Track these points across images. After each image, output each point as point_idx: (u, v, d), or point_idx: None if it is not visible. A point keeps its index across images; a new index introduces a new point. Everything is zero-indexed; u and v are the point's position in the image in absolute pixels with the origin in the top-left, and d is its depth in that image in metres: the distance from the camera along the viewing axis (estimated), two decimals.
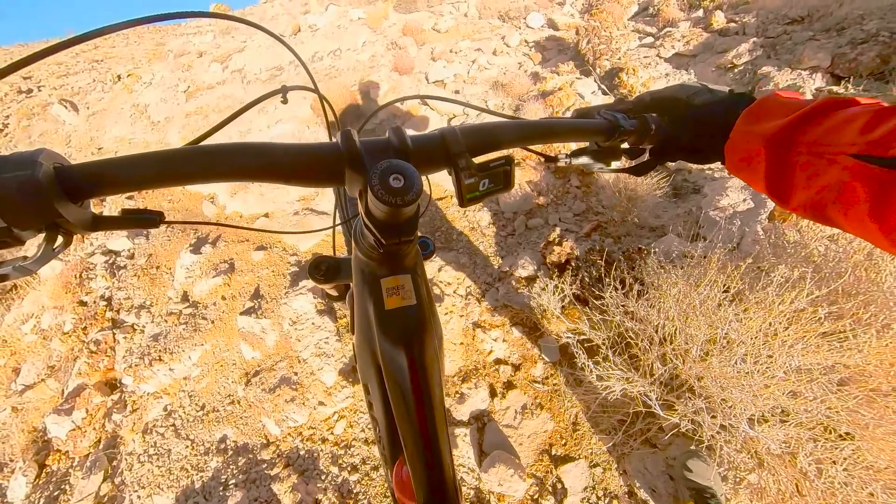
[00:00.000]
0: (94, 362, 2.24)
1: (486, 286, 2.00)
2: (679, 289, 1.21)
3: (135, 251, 2.71)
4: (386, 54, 3.93)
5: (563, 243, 1.67)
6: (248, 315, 2.04)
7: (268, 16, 5.63)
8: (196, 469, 1.77)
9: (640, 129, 0.45)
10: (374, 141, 0.36)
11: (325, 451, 1.68)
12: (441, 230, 2.33)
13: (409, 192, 0.30)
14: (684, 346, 1.16)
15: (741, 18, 2.98)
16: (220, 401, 1.94)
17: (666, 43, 2.99)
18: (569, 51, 3.41)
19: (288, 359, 1.94)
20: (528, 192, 2.26)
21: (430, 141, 0.37)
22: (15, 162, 0.25)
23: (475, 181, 0.37)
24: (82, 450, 2.02)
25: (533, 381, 1.69)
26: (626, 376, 1.28)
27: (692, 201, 1.88)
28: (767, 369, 1.00)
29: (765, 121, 0.35)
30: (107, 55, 7.06)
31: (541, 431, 1.54)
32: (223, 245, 2.50)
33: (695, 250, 1.27)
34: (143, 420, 1.97)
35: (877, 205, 0.27)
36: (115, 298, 2.48)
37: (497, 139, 0.40)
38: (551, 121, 0.45)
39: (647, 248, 1.48)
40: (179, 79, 4.57)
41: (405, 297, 0.40)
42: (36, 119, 5.32)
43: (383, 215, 0.32)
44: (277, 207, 2.64)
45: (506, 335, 1.85)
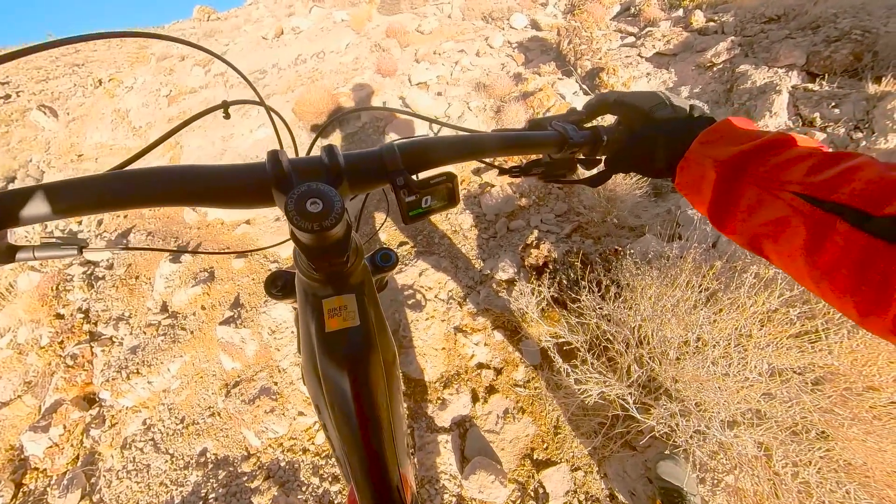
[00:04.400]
0: (72, 377, 2.16)
1: (468, 290, 1.97)
2: (654, 290, 1.18)
3: (114, 261, 2.63)
4: (370, 56, 3.87)
5: (541, 246, 1.64)
6: (227, 325, 1.98)
7: (252, 17, 5.52)
8: (175, 484, 1.72)
9: (591, 140, 0.44)
10: (304, 160, 0.34)
11: (305, 462, 1.64)
12: (423, 234, 2.29)
13: (328, 216, 0.29)
14: (660, 348, 1.14)
15: (720, 17, 2.98)
16: (199, 413, 1.88)
17: (647, 42, 2.98)
18: (551, 51, 3.39)
19: (268, 368, 1.89)
20: (511, 193, 2.23)
21: (367, 159, 0.36)
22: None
23: (416, 198, 0.36)
24: (60, 467, 1.95)
25: (515, 385, 1.66)
26: (603, 379, 1.26)
27: (672, 200, 1.87)
28: (741, 371, 0.98)
29: (720, 145, 0.36)
30: (88, 59, 6.88)
31: (522, 436, 1.52)
32: None
33: (671, 250, 1.25)
34: (122, 435, 1.91)
35: (810, 245, 0.28)
36: (92, 310, 2.40)
37: (439, 155, 0.38)
38: (501, 134, 0.44)
39: (624, 249, 1.45)
40: (161, 83, 4.46)
41: (347, 318, 0.38)
42: (14, 125, 5.15)
43: (308, 240, 0.31)
44: (259, 213, 2.57)
45: (487, 339, 1.82)
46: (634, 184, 1.76)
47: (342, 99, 3.24)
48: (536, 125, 0.48)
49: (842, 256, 0.26)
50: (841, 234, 0.26)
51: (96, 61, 6.94)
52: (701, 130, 0.38)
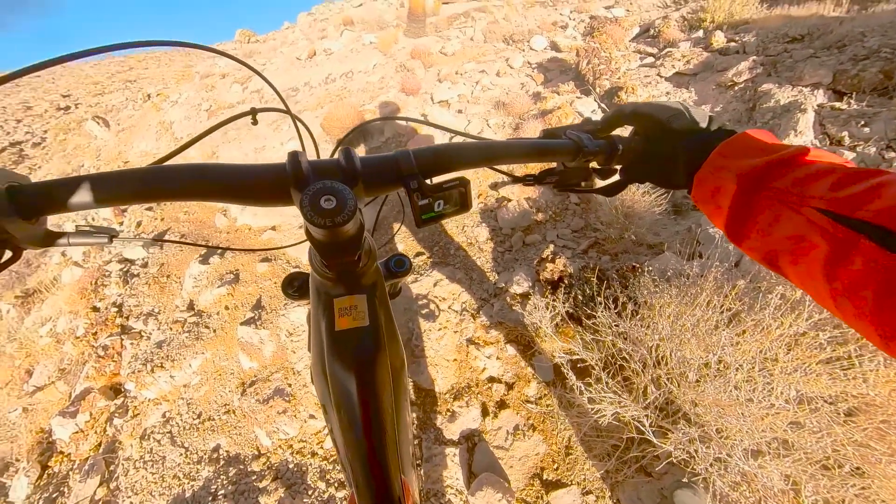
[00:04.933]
0: (102, 367, 2.28)
1: (482, 302, 1.97)
2: (673, 309, 1.16)
3: (148, 260, 2.80)
4: (395, 76, 4.07)
5: (556, 260, 1.64)
6: (248, 325, 2.06)
7: (288, 40, 5.94)
8: (188, 478, 1.75)
9: (607, 149, 0.44)
10: (322, 161, 0.36)
11: (313, 466, 1.65)
12: (439, 245, 2.33)
13: (341, 213, 0.30)
14: (679, 369, 1.10)
15: (741, 38, 2.98)
16: (216, 409, 1.93)
17: (666, 62, 3.01)
18: (570, 71, 3.46)
19: (283, 370, 1.93)
20: (527, 208, 2.25)
21: (382, 162, 0.37)
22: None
23: (429, 202, 0.36)
24: (83, 453, 2.04)
25: (526, 401, 1.63)
26: (618, 400, 1.22)
27: (692, 218, 1.83)
28: (766, 397, 0.94)
29: (740, 158, 0.35)
30: (140, 76, 7.55)
31: (532, 454, 1.47)
32: (231, 256, 2.55)
33: (691, 269, 1.23)
34: (143, 426, 1.98)
35: (830, 262, 0.27)
36: (126, 305, 2.54)
37: (453, 161, 0.39)
38: (515, 141, 0.44)
39: (642, 266, 1.43)
40: (203, 98, 4.83)
41: (357, 318, 0.39)
42: (71, 134, 5.68)
43: (321, 237, 0.32)
44: (284, 220, 2.70)
45: (500, 353, 1.80)
46: (654, 201, 1.75)
47: (368, 115, 3.41)
48: (551, 134, 0.48)
49: (864, 277, 0.24)
50: (864, 254, 0.25)
51: (147, 78, 7.62)
52: (719, 142, 0.38)
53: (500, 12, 5.38)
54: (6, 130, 7.87)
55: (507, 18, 5.18)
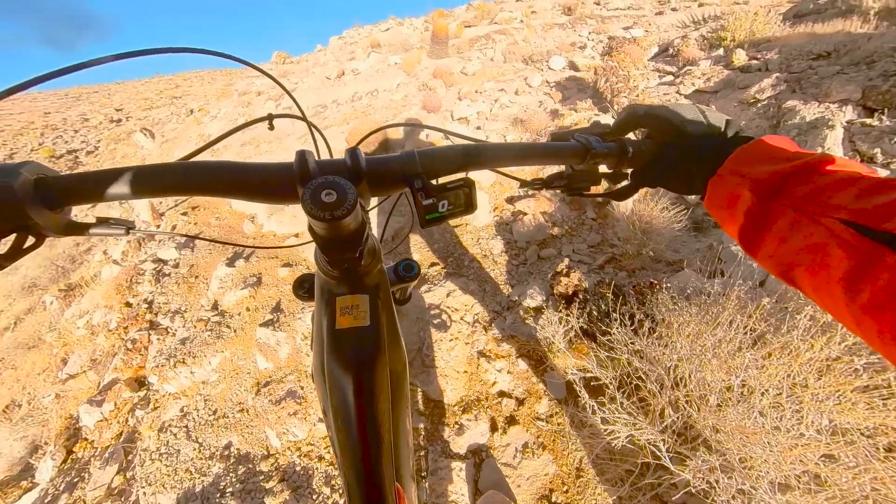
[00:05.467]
0: (129, 359, 2.40)
1: (494, 315, 1.96)
2: (693, 328, 1.12)
3: (180, 261, 2.97)
4: (417, 94, 4.25)
5: (571, 274, 1.62)
6: (266, 327, 2.12)
7: (320, 61, 6.33)
8: (199, 473, 1.79)
9: (617, 152, 0.43)
10: (328, 161, 0.36)
11: (319, 470, 1.65)
12: (453, 256, 2.35)
13: (340, 206, 0.30)
14: (699, 391, 1.05)
15: (763, 55, 2.94)
16: (230, 407, 1.98)
17: (686, 80, 3.00)
18: (588, 90, 3.50)
19: (297, 372, 1.97)
20: (543, 222, 2.25)
21: (387, 162, 0.37)
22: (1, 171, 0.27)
23: (433, 202, 0.36)
24: (105, 441, 2.12)
25: (536, 419, 1.58)
26: (633, 421, 1.17)
27: (714, 236, 1.78)
28: (795, 426, 0.88)
29: (757, 164, 0.34)
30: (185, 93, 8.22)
31: (541, 474, 1.42)
32: (255, 260, 2.67)
33: (712, 287, 1.19)
34: (161, 418, 2.05)
35: (851, 276, 0.25)
36: (155, 302, 2.69)
37: (458, 162, 0.39)
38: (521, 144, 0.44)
39: (660, 283, 1.39)
40: (240, 113, 5.18)
41: (359, 317, 0.38)
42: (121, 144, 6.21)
43: (322, 231, 0.32)
44: (305, 227, 2.81)
45: (511, 367, 1.77)
46: (673, 217, 1.72)
47: (390, 131, 3.55)
48: (559, 137, 0.46)
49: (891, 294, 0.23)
50: (891, 269, 0.23)
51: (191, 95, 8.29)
52: (736, 147, 0.36)
53: (519, 34, 5.56)
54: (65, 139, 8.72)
55: (526, 40, 5.34)
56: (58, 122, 12.35)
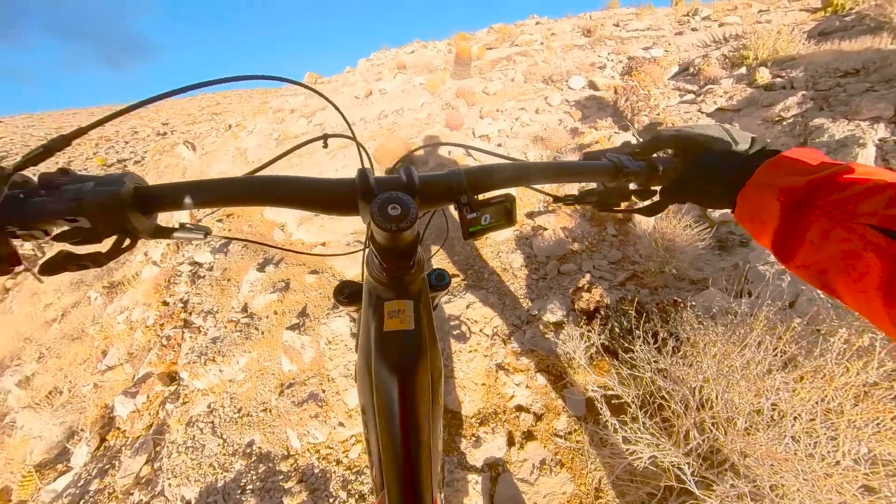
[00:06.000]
0: (163, 355, 2.54)
1: (514, 328, 1.97)
2: (719, 348, 1.11)
3: (214, 264, 3.15)
4: (440, 113, 4.42)
5: (593, 290, 1.62)
6: (292, 330, 2.21)
7: (349, 82, 6.72)
8: (222, 468, 1.85)
9: (647, 170, 0.45)
10: (386, 177, 0.39)
11: (337, 474, 1.67)
12: (474, 268, 2.39)
13: (405, 219, 0.33)
14: (725, 413, 1.03)
15: (788, 73, 2.91)
16: (254, 407, 2.06)
17: (707, 99, 3.00)
18: (608, 108, 3.55)
19: (319, 376, 2.03)
20: (563, 237, 2.27)
21: (437, 179, 0.40)
22: (106, 180, 0.31)
23: (477, 216, 0.39)
24: (136, 431, 2.24)
25: (555, 435, 1.56)
26: (656, 442, 1.15)
27: (739, 255, 1.74)
28: (831, 453, 0.85)
29: (786, 176, 0.34)
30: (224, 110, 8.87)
31: (559, 493, 1.39)
32: (284, 266, 2.81)
33: (739, 307, 1.17)
34: (189, 413, 2.15)
35: (888, 282, 0.26)
36: (190, 302, 2.85)
37: (499, 179, 0.42)
38: (556, 163, 0.46)
39: (684, 301, 1.38)
40: (273, 129, 5.54)
41: (404, 321, 0.41)
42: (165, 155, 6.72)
43: (384, 240, 0.35)
44: (334, 238, 2.94)
45: (529, 381, 1.77)
46: (696, 235, 1.70)
47: (412, 146, 3.70)
48: (590, 157, 0.49)
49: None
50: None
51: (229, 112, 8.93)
52: (764, 160, 0.37)
53: (539, 55, 5.72)
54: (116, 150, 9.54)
55: (546, 61, 5.49)
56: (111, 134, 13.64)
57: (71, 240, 0.31)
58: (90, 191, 0.30)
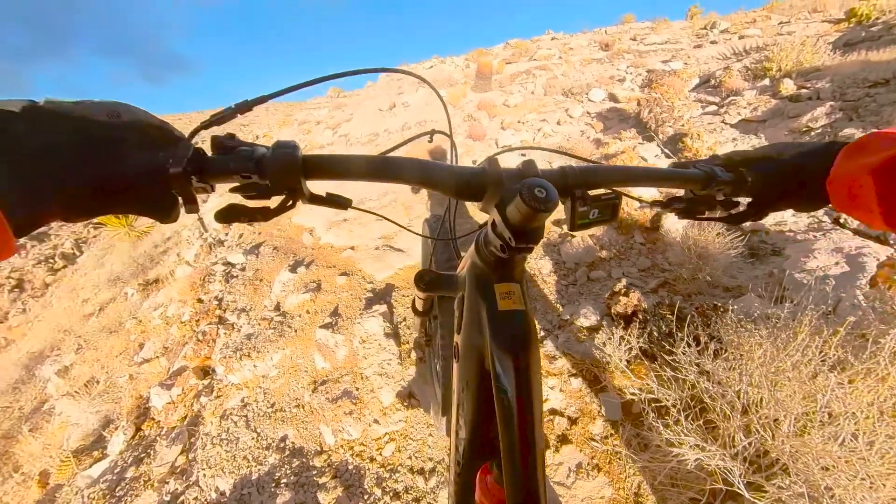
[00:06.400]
0: (198, 349, 2.65)
1: (546, 332, 1.99)
2: (764, 350, 1.13)
3: (246, 265, 3.29)
4: (462, 125, 4.57)
5: (631, 294, 1.65)
6: (325, 329, 2.29)
7: (371, 95, 6.99)
8: (256, 461, 1.90)
9: (736, 180, 0.47)
10: (512, 169, 0.42)
11: (371, 471, 1.70)
12: None
13: (550, 201, 0.36)
14: (774, 414, 1.05)
15: (813, 84, 2.93)
16: (287, 402, 2.12)
17: (731, 110, 3.03)
18: (630, 120, 3.62)
19: (352, 374, 2.09)
20: (591, 244, 2.31)
21: (554, 173, 0.44)
22: (283, 145, 0.35)
23: (587, 210, 0.42)
24: (171, 422, 2.32)
25: (590, 439, 1.57)
26: (701, 445, 1.16)
27: (772, 263, 1.75)
28: (890, 450, 0.86)
29: (870, 155, 0.34)
30: (252, 121, 9.30)
31: (597, 497, 1.40)
32: (314, 268, 2.91)
33: (780, 311, 1.19)
34: (224, 406, 2.22)
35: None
36: (225, 300, 2.97)
37: (603, 178, 0.46)
38: (654, 168, 0.49)
39: (725, 306, 1.40)
40: (299, 140, 5.79)
41: (516, 302, 0.44)
42: None
43: (521, 220, 0.37)
44: (362, 242, 3.04)
45: (563, 385, 1.78)
46: (728, 243, 1.72)
47: (434, 148, 3.83)
48: (680, 166, 0.52)
49: None
50: None
51: (257, 123, 9.35)
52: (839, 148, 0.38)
53: (558, 69, 5.87)
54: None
55: (565, 74, 5.63)
56: None
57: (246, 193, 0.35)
58: (270, 153, 0.34)
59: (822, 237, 1.72)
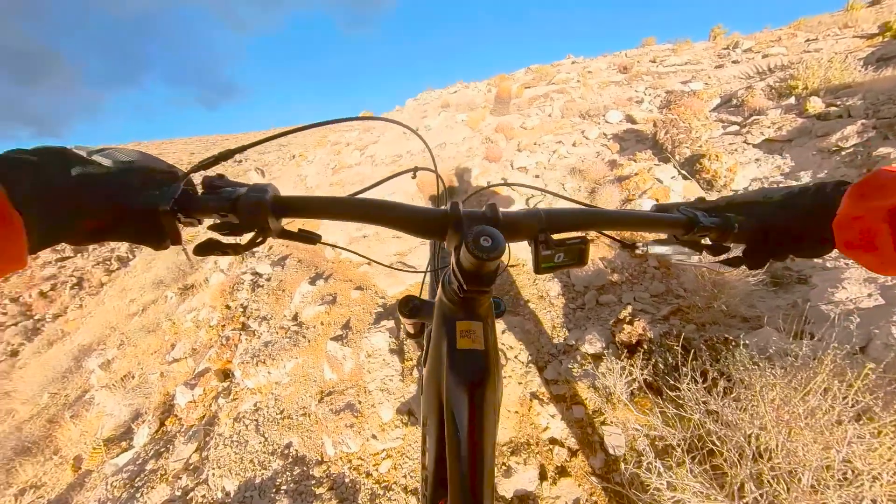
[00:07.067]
0: (221, 353, 2.80)
1: (550, 357, 1.93)
2: (779, 392, 1.03)
3: (272, 275, 3.48)
4: (480, 147, 4.67)
5: (635, 322, 1.57)
6: (336, 341, 2.35)
7: (398, 119, 7.35)
8: (261, 466, 1.95)
9: (722, 226, 0.45)
10: (473, 212, 0.43)
11: (366, 486, 1.69)
12: (510, 294, 2.41)
13: (494, 251, 0.36)
14: (787, 465, 0.94)
15: (844, 102, 2.72)
16: (296, 410, 2.17)
17: (754, 130, 2.87)
18: (647, 141, 3.53)
19: (357, 387, 2.11)
20: (602, 268, 2.23)
21: (518, 217, 0.43)
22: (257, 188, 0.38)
23: (551, 253, 0.41)
24: (191, 420, 2.43)
25: (591, 474, 1.47)
26: (706, 492, 1.06)
27: (797, 292, 1.59)
28: None
29: (882, 197, 0.32)
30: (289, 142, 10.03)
31: None
32: (332, 282, 3.02)
33: (800, 348, 1.09)
34: (238, 409, 2.31)
35: None
36: (249, 308, 3.15)
37: (574, 222, 0.45)
38: (629, 212, 0.48)
39: (736, 340, 1.29)
40: (331, 159, 6.15)
41: (475, 341, 0.44)
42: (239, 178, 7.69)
43: (471, 266, 0.39)
44: (377, 258, 3.14)
45: (565, 413, 1.70)
46: (747, 270, 1.60)
47: (455, 178, 3.92)
48: (663, 208, 0.49)
49: None
50: None
51: (294, 144, 10.09)
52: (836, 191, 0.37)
53: (576, 92, 5.88)
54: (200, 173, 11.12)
55: (583, 97, 5.62)
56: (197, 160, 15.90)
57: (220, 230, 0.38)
58: (244, 195, 0.37)
59: (855, 265, 1.56)
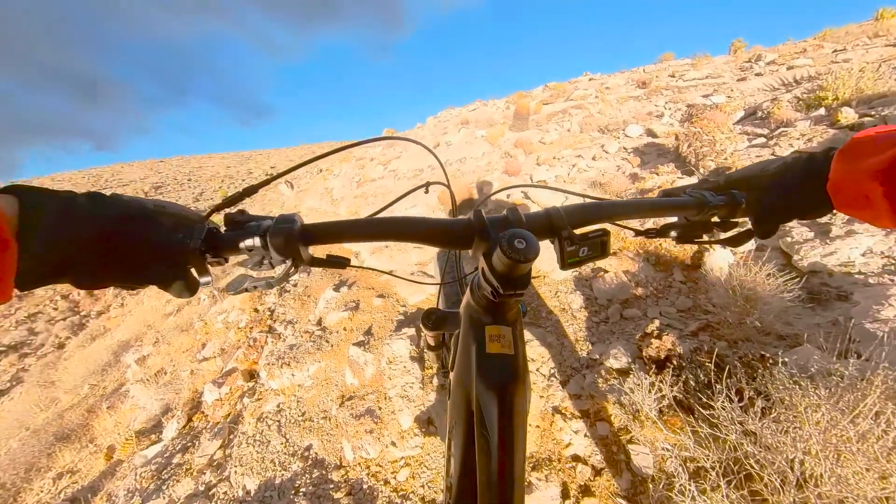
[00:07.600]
0: (248, 354, 2.90)
1: (573, 371, 1.87)
2: (824, 413, 0.96)
3: (298, 281, 3.60)
4: (500, 161, 4.73)
5: (663, 337, 1.52)
6: (358, 347, 2.38)
7: (418, 136, 7.60)
8: (281, 466, 1.97)
9: (730, 202, 0.47)
10: (498, 217, 0.43)
11: (384, 494, 1.67)
12: (531, 306, 2.38)
13: (530, 252, 0.36)
14: (837, 494, 0.87)
15: (879, 112, 2.57)
16: (316, 413, 2.20)
17: (782, 142, 2.76)
18: (668, 155, 3.46)
19: (377, 393, 2.12)
20: (625, 281, 2.17)
21: (539, 217, 0.44)
22: (284, 219, 0.38)
23: (575, 248, 0.42)
24: (216, 418, 2.51)
25: (616, 495, 1.40)
26: None
27: (837, 310, 1.48)
28: None
29: (869, 157, 0.33)
30: None
31: None
32: (355, 289, 3.10)
33: (845, 368, 1.02)
34: (261, 409, 2.36)
35: None
36: (276, 311, 3.26)
37: (593, 215, 0.46)
38: (642, 200, 0.49)
39: (774, 357, 1.22)
40: (356, 174, 6.40)
41: (504, 345, 0.44)
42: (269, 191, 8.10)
43: (505, 269, 0.38)
44: (400, 267, 3.20)
45: (589, 430, 1.63)
46: (782, 284, 1.52)
47: (475, 191, 3.99)
48: (670, 193, 0.51)
49: None
50: None
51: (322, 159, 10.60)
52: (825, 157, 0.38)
53: (594, 107, 5.89)
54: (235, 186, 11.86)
55: (601, 112, 5.62)
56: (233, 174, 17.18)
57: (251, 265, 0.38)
58: (272, 227, 0.37)
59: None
